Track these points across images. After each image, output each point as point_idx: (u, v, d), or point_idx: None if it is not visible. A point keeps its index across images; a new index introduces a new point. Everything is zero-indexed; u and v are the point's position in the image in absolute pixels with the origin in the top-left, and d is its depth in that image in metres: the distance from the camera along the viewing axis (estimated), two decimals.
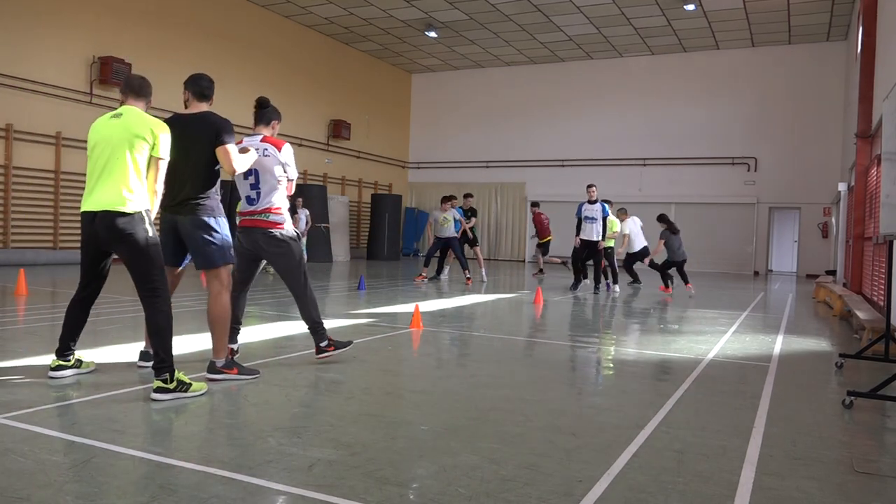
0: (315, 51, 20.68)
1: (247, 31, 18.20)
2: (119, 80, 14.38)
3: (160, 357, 3.79)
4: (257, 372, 4.39)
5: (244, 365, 4.42)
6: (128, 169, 3.83)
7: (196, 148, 4.21)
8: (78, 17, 14.15)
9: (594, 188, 11.85)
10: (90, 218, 3.87)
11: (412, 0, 17.61)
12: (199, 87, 4.34)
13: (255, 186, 4.65)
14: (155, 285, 3.88)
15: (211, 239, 4.22)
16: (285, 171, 4.70)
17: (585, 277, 12.31)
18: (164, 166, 3.97)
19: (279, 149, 4.70)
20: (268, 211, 4.65)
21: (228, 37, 17.65)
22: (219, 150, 4.20)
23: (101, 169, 3.87)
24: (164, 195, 4.20)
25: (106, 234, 3.85)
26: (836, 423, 3.75)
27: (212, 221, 4.24)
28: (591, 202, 11.81)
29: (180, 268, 4.51)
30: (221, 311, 4.26)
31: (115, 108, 4.13)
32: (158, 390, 3.73)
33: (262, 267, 5.11)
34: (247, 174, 4.67)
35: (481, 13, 18.39)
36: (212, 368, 4.24)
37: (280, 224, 4.67)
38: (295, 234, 4.78)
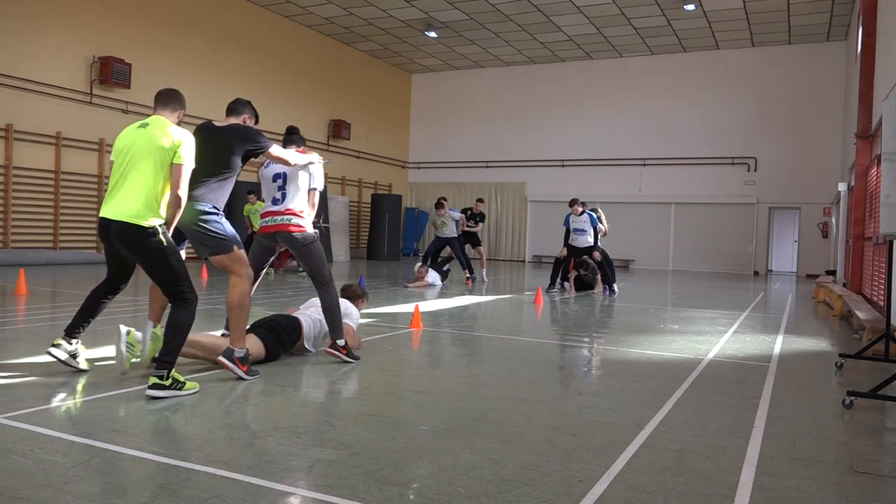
0: (315, 51, 20.69)
1: (247, 31, 18.20)
2: (119, 80, 14.41)
3: (168, 349, 3.84)
4: (258, 373, 4.42)
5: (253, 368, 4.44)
6: (146, 181, 3.88)
7: (216, 155, 4.33)
8: (78, 17, 14.15)
9: (578, 205, 11.60)
10: (106, 225, 3.93)
11: (412, 0, 17.61)
12: (229, 106, 4.64)
13: (282, 188, 4.90)
14: (182, 292, 3.96)
15: (210, 227, 4.23)
16: (310, 180, 4.94)
17: (563, 281, 12.10)
18: (186, 172, 3.96)
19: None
20: (290, 213, 4.86)
21: (228, 37, 17.65)
22: (268, 155, 4.48)
23: (122, 178, 3.92)
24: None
25: (122, 245, 3.95)
26: (836, 423, 3.75)
27: (209, 209, 4.26)
28: (578, 215, 11.68)
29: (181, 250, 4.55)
30: (240, 297, 4.29)
31: (137, 113, 4.27)
32: (154, 387, 3.75)
33: (267, 266, 5.19)
34: (275, 177, 4.91)
35: (481, 13, 18.39)
36: (228, 354, 4.23)
37: (301, 227, 4.87)
38: (314, 235, 4.95)
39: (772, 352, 6.04)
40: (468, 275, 12.81)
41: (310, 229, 4.91)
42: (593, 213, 11.79)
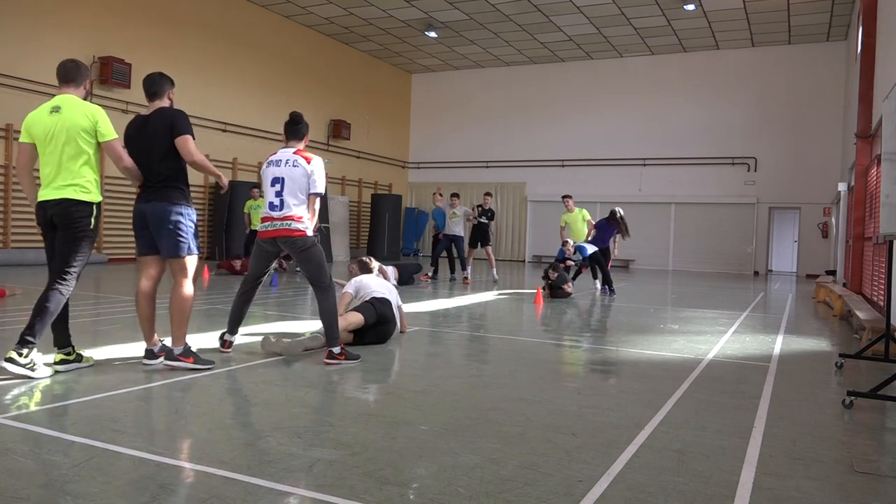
0: (315, 51, 20.69)
1: (247, 31, 18.20)
2: (119, 80, 14.40)
3: (33, 332, 3.98)
4: (212, 363, 4.53)
5: (202, 357, 4.58)
6: (79, 161, 4.11)
7: (156, 141, 4.38)
8: (78, 17, 14.15)
9: (570, 247, 11.69)
10: (44, 206, 4.14)
11: (412, 0, 17.61)
12: (145, 90, 4.55)
13: (280, 194, 4.86)
14: (71, 272, 4.14)
15: (176, 228, 4.39)
16: (310, 184, 4.85)
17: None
18: (117, 144, 4.23)
19: (309, 162, 4.88)
20: (289, 219, 4.83)
21: (228, 37, 17.65)
22: (177, 141, 4.37)
23: (55, 167, 4.10)
24: (139, 187, 4.46)
25: (58, 220, 4.13)
26: (836, 423, 3.75)
27: (179, 209, 4.41)
28: (572, 254, 11.79)
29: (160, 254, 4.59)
30: (183, 301, 4.45)
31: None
32: (9, 360, 3.92)
33: (271, 268, 5.21)
34: (273, 181, 4.89)
35: (481, 13, 18.39)
36: (170, 356, 4.40)
37: (301, 231, 4.85)
38: (315, 239, 4.93)
39: (772, 352, 6.04)
40: (465, 275, 12.78)
41: (310, 233, 4.88)
42: (585, 247, 11.72)
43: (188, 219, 4.45)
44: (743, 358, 5.69)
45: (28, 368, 3.95)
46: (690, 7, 17.21)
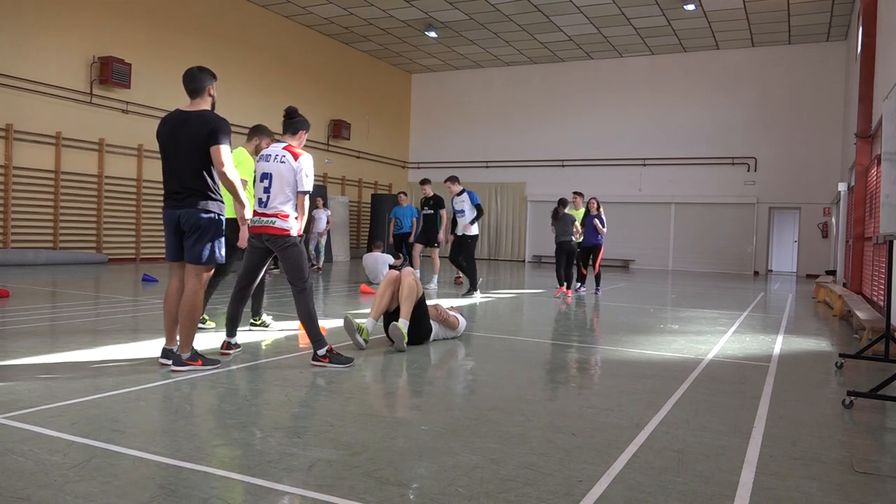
0: (315, 51, 20.69)
1: (247, 31, 18.20)
2: (119, 80, 14.40)
3: (257, 309, 6.32)
4: (218, 361, 4.58)
5: (208, 356, 4.63)
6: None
7: (192, 144, 4.34)
8: (78, 17, 14.15)
9: (457, 184, 10.42)
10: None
11: (412, 0, 17.61)
12: (185, 86, 4.51)
13: (268, 190, 4.82)
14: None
15: (207, 236, 4.39)
16: (298, 182, 4.79)
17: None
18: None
19: (296, 158, 4.81)
20: (275, 216, 4.79)
21: (228, 37, 17.65)
22: (213, 150, 4.36)
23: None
24: (165, 190, 4.49)
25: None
26: (836, 423, 3.75)
27: (213, 218, 4.42)
28: (458, 194, 10.37)
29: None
30: (193, 308, 4.43)
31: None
32: (253, 324, 6.31)
33: (268, 264, 5.19)
34: (263, 177, 4.85)
35: (481, 13, 18.39)
36: (178, 361, 4.41)
37: (285, 230, 4.80)
38: (297, 239, 4.88)
39: (772, 352, 6.04)
40: (458, 275, 12.67)
41: (294, 232, 4.81)
42: (474, 193, 10.49)
43: (220, 226, 4.45)
44: (743, 358, 5.69)
45: (264, 326, 6.29)
46: (690, 7, 17.21)
